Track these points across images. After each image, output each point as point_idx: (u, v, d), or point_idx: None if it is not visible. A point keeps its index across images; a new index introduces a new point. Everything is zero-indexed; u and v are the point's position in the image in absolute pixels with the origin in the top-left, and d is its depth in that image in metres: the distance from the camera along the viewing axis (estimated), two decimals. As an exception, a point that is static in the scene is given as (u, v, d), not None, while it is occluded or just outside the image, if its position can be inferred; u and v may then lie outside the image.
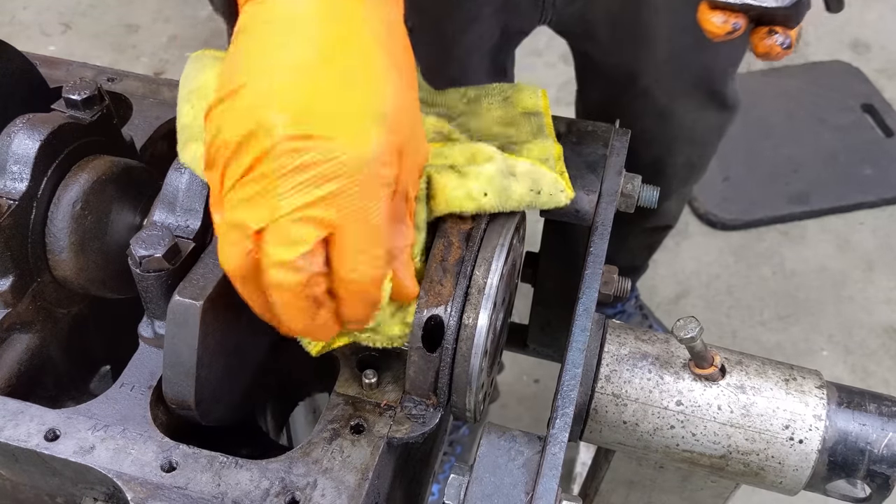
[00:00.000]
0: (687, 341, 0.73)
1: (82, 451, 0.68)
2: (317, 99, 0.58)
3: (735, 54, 1.51)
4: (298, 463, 0.68)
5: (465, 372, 0.70)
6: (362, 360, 0.76)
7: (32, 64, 0.86)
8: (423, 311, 0.69)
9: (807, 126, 2.71)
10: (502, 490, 0.66)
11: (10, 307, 0.75)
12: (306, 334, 0.68)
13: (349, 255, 0.60)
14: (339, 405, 0.72)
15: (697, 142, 1.64)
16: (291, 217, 0.58)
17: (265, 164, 0.57)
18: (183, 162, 0.75)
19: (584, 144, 0.89)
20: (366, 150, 0.58)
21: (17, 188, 0.74)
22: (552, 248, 0.96)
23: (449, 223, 0.72)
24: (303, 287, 0.60)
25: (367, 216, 0.59)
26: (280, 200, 0.57)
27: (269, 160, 0.57)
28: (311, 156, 0.57)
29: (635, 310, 2.22)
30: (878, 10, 3.10)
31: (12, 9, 3.11)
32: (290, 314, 0.62)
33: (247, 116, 0.58)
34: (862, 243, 2.49)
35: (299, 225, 0.58)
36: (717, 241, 2.49)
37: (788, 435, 0.76)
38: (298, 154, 0.57)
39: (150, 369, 0.74)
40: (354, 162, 0.57)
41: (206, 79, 0.77)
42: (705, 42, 1.45)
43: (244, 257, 0.60)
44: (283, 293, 0.60)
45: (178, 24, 3.06)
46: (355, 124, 0.58)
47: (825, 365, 2.22)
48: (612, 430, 0.80)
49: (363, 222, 0.59)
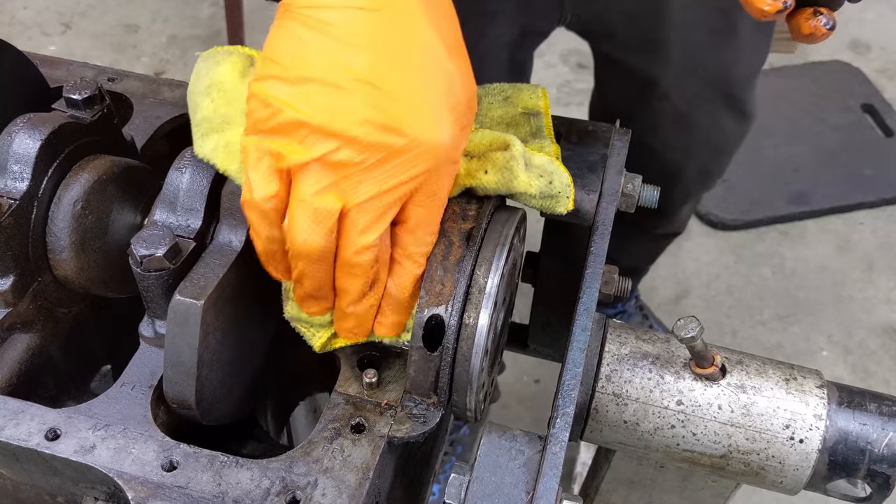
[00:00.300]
0: (687, 341, 0.73)
1: (83, 451, 0.68)
2: (397, 91, 0.63)
3: (755, 61, 1.51)
4: (299, 462, 0.68)
5: (465, 371, 0.70)
6: (363, 359, 0.76)
7: (33, 64, 0.86)
8: (424, 310, 0.69)
9: (807, 126, 2.71)
10: (503, 489, 0.66)
11: (10, 307, 0.75)
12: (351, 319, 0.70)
13: (420, 232, 0.67)
14: (339, 404, 0.72)
15: (714, 149, 1.63)
16: (376, 201, 0.63)
17: (348, 151, 0.62)
18: (201, 154, 0.74)
19: (584, 144, 0.89)
20: (443, 138, 0.64)
21: (17, 188, 0.74)
22: (552, 248, 0.96)
23: (449, 223, 0.72)
24: (372, 267, 0.66)
25: (441, 197, 0.67)
26: (365, 185, 0.63)
27: (355, 147, 0.62)
28: (396, 142, 0.62)
29: (636, 310, 2.22)
30: (877, 10, 3.10)
31: (12, 9, 3.11)
32: (351, 295, 0.67)
33: (326, 103, 0.62)
34: (862, 243, 2.50)
35: (380, 208, 0.64)
36: (717, 241, 2.49)
37: (789, 434, 0.76)
38: (384, 143, 0.62)
39: (151, 369, 0.74)
40: (434, 150, 0.63)
41: (224, 72, 0.76)
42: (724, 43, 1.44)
43: (328, 237, 0.64)
44: (355, 274, 0.66)
45: (178, 24, 3.06)
46: (433, 115, 0.64)
47: (825, 365, 2.22)
48: (612, 430, 0.80)
49: (437, 203, 0.67)
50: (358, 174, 0.63)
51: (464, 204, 0.73)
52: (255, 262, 0.70)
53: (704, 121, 1.54)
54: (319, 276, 0.67)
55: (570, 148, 0.88)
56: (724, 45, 1.42)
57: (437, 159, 0.64)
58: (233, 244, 0.74)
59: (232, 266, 0.72)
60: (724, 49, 1.43)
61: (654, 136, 1.55)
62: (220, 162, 0.74)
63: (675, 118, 1.52)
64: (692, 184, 1.72)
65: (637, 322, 2.21)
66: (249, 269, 0.75)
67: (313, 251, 0.65)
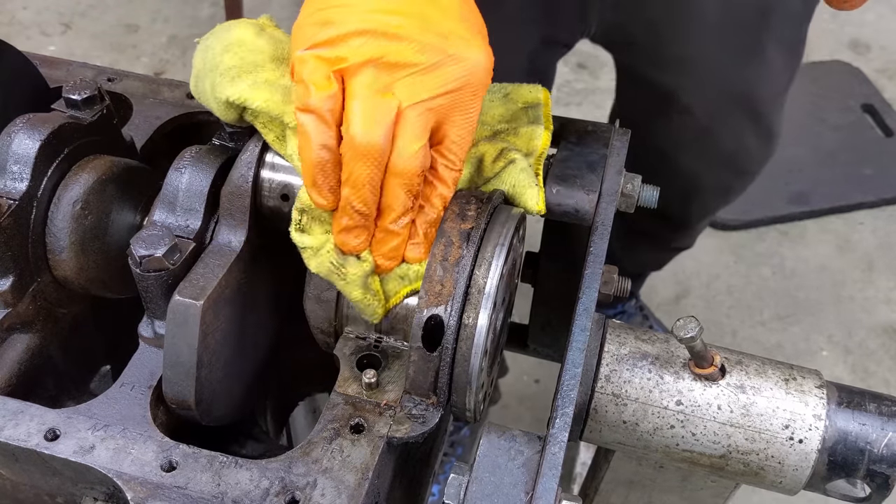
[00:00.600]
0: (687, 341, 0.73)
1: (82, 451, 0.68)
2: (445, 11, 0.70)
3: (783, 80, 1.49)
4: (298, 462, 0.68)
5: (465, 371, 0.70)
6: (362, 359, 0.76)
7: (32, 64, 0.86)
8: (424, 310, 0.69)
9: (807, 126, 2.71)
10: (502, 490, 0.66)
11: (10, 307, 0.75)
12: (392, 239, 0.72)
13: (453, 156, 0.71)
14: (338, 405, 0.72)
15: (737, 166, 1.62)
16: (427, 105, 0.68)
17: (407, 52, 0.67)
18: (234, 96, 0.73)
19: (584, 144, 0.89)
20: (482, 58, 0.70)
21: (17, 188, 0.74)
22: (552, 248, 0.96)
23: (449, 223, 0.72)
24: (419, 177, 0.69)
25: (472, 121, 0.71)
26: (418, 88, 0.67)
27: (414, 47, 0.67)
28: (449, 48, 0.68)
29: (635, 310, 2.22)
30: (877, 10, 3.10)
31: (12, 9, 3.11)
32: (395, 211, 0.70)
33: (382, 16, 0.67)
34: (862, 243, 2.50)
35: (429, 115, 0.68)
36: (717, 241, 2.49)
37: (788, 434, 0.76)
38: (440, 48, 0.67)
39: (150, 369, 0.74)
40: (477, 65, 0.69)
41: (239, 33, 0.77)
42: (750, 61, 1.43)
43: (387, 136, 0.67)
44: (404, 184, 0.69)
45: (178, 24, 3.06)
46: (477, 37, 0.71)
47: (825, 365, 2.22)
48: (611, 430, 0.80)
49: (470, 126, 0.71)
50: (412, 76, 0.67)
51: (463, 204, 0.73)
52: (255, 263, 0.70)
53: (727, 137, 1.52)
54: (373, 184, 0.68)
55: (570, 148, 0.88)
56: (750, 62, 1.41)
57: (478, 75, 0.69)
58: (232, 244, 0.74)
59: (231, 266, 0.72)
60: (749, 66, 1.41)
61: (674, 150, 1.55)
62: (259, 96, 0.72)
63: (697, 133, 1.50)
64: (711, 199, 1.70)
65: (637, 322, 2.21)
66: (249, 270, 0.75)
67: (373, 149, 0.66)
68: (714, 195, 1.69)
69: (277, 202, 0.76)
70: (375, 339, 0.77)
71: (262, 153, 0.76)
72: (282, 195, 0.76)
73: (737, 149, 1.56)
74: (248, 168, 0.74)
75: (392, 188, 0.69)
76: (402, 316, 0.76)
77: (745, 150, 1.57)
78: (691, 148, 1.54)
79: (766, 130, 1.54)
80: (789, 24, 1.39)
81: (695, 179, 1.61)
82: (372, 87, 0.66)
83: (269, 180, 0.76)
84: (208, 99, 0.76)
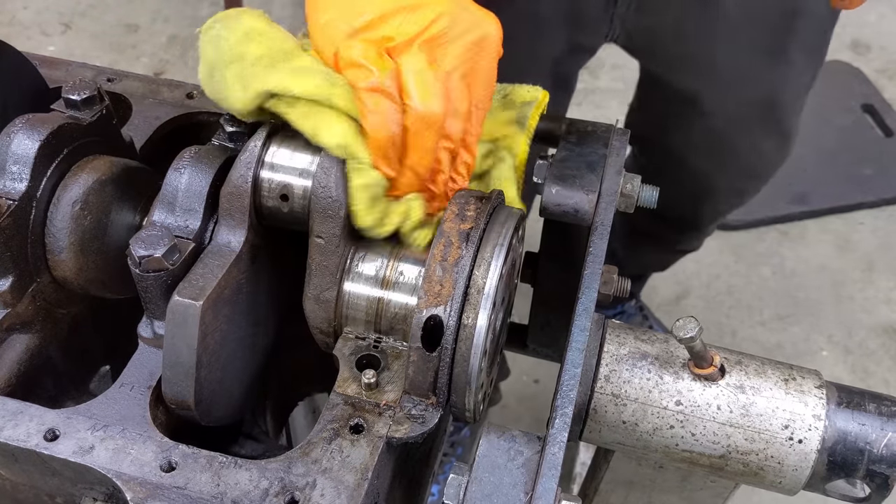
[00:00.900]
0: (686, 341, 0.73)
1: (82, 451, 0.68)
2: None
3: (804, 82, 1.48)
4: (298, 463, 0.68)
5: (464, 372, 0.70)
6: (361, 360, 0.76)
7: (32, 64, 0.86)
8: (423, 310, 0.69)
9: (807, 126, 2.71)
10: (502, 490, 0.66)
11: (9, 307, 0.75)
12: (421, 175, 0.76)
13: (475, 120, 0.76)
14: (338, 405, 0.72)
15: (751, 170, 1.62)
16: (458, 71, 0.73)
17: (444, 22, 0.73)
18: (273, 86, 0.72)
19: (584, 144, 0.89)
20: (495, 26, 0.76)
21: (16, 188, 0.74)
22: (552, 248, 0.96)
23: (448, 223, 0.72)
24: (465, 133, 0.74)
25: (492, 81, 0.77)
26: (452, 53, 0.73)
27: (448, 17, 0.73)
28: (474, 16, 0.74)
29: (635, 310, 2.22)
30: (878, 10, 3.10)
31: (12, 9, 3.11)
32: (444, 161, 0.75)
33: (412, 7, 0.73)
34: (862, 243, 2.50)
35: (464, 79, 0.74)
36: (717, 241, 2.49)
37: (788, 435, 0.76)
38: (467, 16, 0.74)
39: (150, 369, 0.74)
40: (496, 31, 0.75)
41: (251, 22, 0.76)
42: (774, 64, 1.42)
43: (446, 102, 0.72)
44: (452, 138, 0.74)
45: (178, 24, 3.06)
46: (483, 10, 0.76)
47: (825, 365, 2.22)
48: (611, 430, 0.80)
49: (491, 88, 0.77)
50: (447, 45, 0.73)
51: (462, 204, 0.73)
52: (254, 263, 0.70)
53: (745, 141, 1.52)
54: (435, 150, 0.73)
55: (570, 148, 0.88)
56: (773, 65, 1.40)
57: (496, 42, 0.75)
58: (231, 245, 0.74)
59: (231, 266, 0.72)
60: (772, 70, 1.41)
61: (691, 153, 1.54)
62: (305, 82, 0.72)
63: (714, 136, 1.50)
64: (724, 202, 1.70)
65: (637, 322, 2.21)
66: (248, 270, 0.75)
67: (436, 118, 0.71)
68: (727, 198, 1.69)
69: (277, 202, 0.76)
70: (375, 339, 0.77)
71: (261, 153, 0.75)
72: (281, 195, 0.76)
73: (753, 152, 1.55)
74: (247, 168, 0.74)
75: (441, 152, 0.74)
76: (402, 316, 0.76)
77: (762, 154, 1.57)
78: (708, 151, 1.53)
79: (783, 134, 1.54)
80: (814, 27, 1.39)
81: (709, 182, 1.61)
82: (423, 60, 0.72)
83: (268, 180, 0.76)
84: (228, 90, 0.74)
